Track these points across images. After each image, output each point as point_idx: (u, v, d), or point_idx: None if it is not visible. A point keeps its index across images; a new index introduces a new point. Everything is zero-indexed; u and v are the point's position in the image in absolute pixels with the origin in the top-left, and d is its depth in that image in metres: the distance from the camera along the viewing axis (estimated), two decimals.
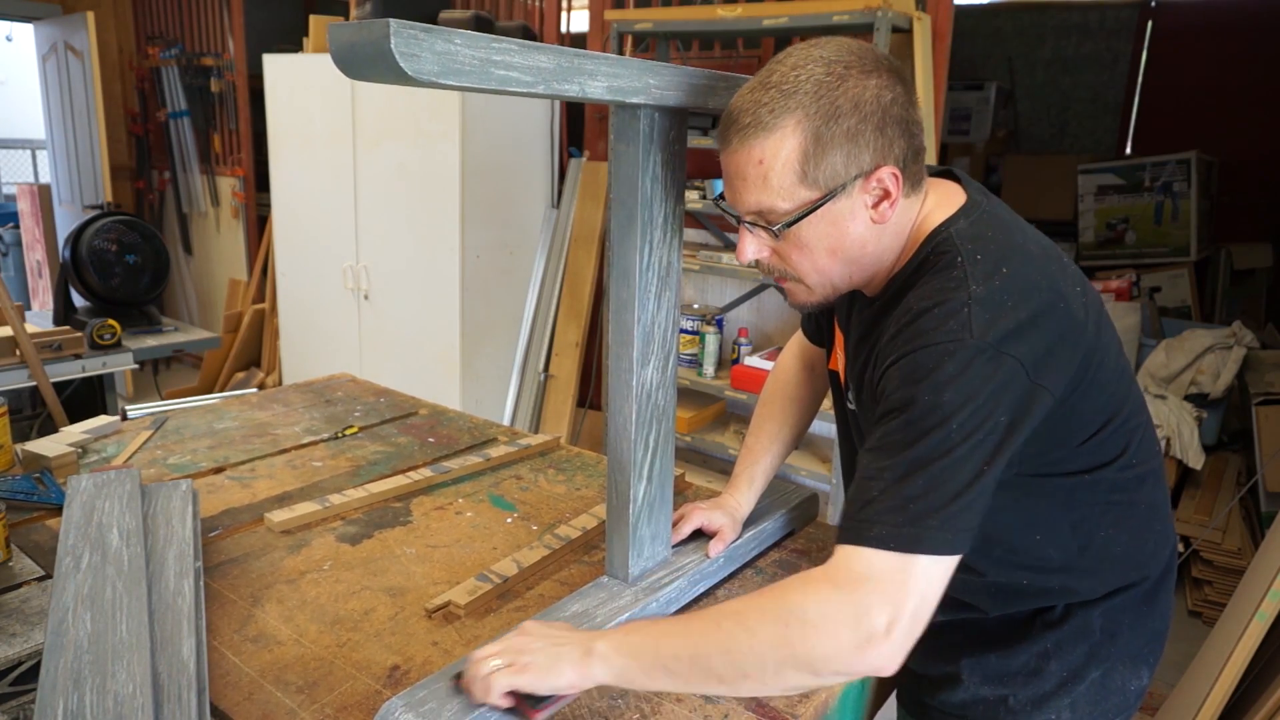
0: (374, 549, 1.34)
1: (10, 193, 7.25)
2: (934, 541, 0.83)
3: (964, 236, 0.94)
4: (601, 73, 0.88)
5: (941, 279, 0.92)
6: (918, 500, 0.83)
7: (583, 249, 3.71)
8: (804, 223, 0.94)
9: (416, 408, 2.03)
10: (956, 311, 0.87)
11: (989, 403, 0.85)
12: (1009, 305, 0.88)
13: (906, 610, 0.82)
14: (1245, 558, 2.93)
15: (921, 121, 0.96)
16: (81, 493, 1.28)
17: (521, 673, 0.89)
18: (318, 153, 3.86)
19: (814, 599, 0.84)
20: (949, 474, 0.84)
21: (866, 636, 0.81)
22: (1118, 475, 1.03)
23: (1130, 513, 1.06)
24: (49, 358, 2.82)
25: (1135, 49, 5.42)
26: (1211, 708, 2.03)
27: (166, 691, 0.93)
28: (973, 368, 0.85)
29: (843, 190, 0.92)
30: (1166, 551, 1.12)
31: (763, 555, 1.35)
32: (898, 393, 0.88)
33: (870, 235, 0.96)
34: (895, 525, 0.83)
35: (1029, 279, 0.91)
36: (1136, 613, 1.08)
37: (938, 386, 0.85)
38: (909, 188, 0.96)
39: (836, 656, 0.82)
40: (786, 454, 1.37)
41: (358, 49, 0.73)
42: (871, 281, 1.03)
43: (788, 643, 0.83)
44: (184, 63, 5.30)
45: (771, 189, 0.92)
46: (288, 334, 4.35)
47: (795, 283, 1.02)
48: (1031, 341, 0.87)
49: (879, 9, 2.58)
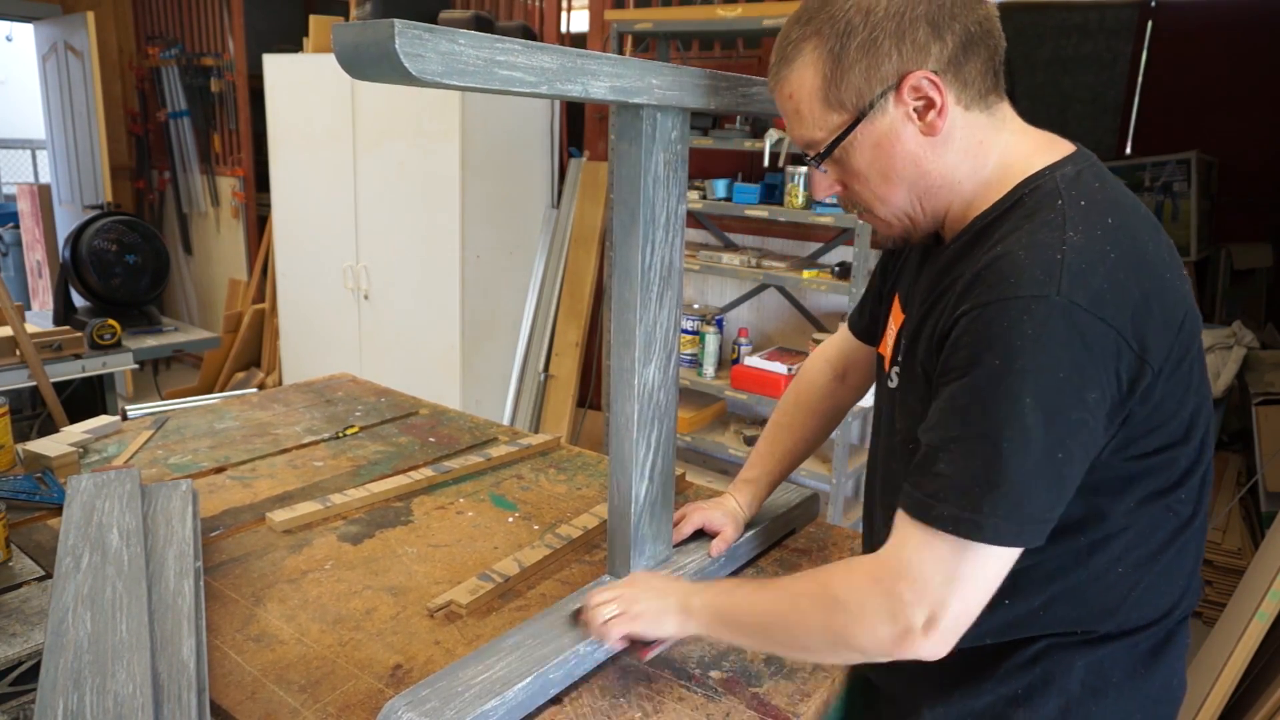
0: (375, 548, 1.34)
1: (10, 193, 7.25)
2: (995, 531, 0.76)
3: (1068, 181, 0.83)
4: (605, 73, 0.88)
5: (1034, 221, 0.80)
6: (982, 483, 0.76)
7: (583, 249, 3.71)
8: (848, 149, 0.88)
9: (417, 407, 2.03)
10: (1046, 259, 0.76)
11: (1074, 374, 0.74)
12: (1111, 260, 0.76)
13: (951, 606, 0.78)
14: (1245, 558, 2.93)
15: (990, 17, 0.85)
16: (81, 493, 1.28)
17: (634, 621, 1.00)
18: (318, 153, 3.86)
19: (856, 591, 0.83)
20: (1025, 456, 0.75)
21: (904, 631, 0.79)
22: (1178, 497, 0.88)
23: (1169, 544, 0.89)
24: (49, 358, 2.82)
25: (1135, 49, 5.42)
26: (1211, 708, 2.03)
27: (166, 691, 0.93)
28: (1056, 329, 0.74)
29: (873, 108, 0.85)
30: (1186, 603, 0.93)
31: (763, 555, 1.35)
32: (966, 350, 0.78)
33: (925, 152, 0.87)
34: (958, 507, 0.76)
35: (1137, 237, 0.80)
36: (1131, 670, 0.91)
37: (1012, 350, 0.74)
38: (968, 96, 0.85)
39: (878, 647, 0.82)
40: (796, 463, 1.33)
41: (362, 49, 0.73)
42: (948, 216, 0.92)
43: (832, 630, 0.85)
44: (184, 63, 5.30)
45: (805, 121, 0.89)
46: (288, 334, 4.35)
47: (870, 214, 0.95)
48: (1132, 306, 0.76)
49: None
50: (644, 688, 1.02)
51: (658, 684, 1.03)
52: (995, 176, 0.88)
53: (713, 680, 1.04)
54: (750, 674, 1.05)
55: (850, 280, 2.81)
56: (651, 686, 1.02)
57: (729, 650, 1.10)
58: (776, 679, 1.04)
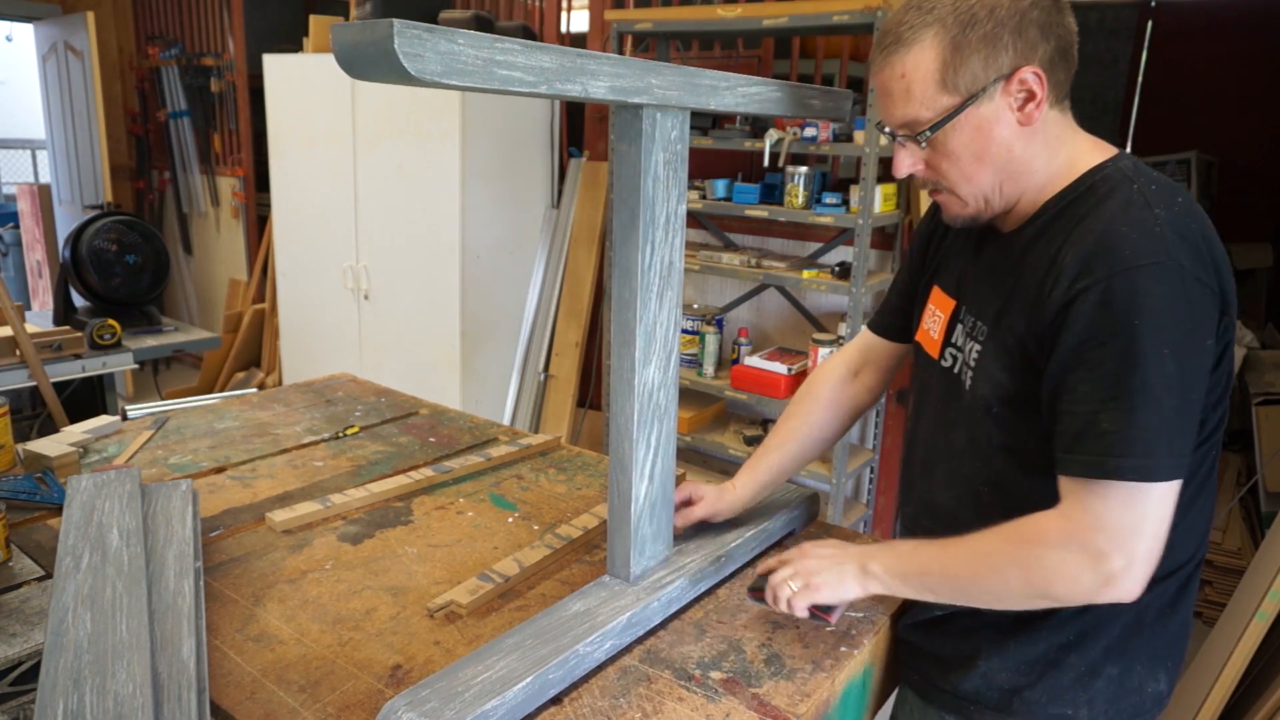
0: (375, 549, 1.34)
1: (10, 193, 7.25)
2: (1166, 469, 0.86)
3: (1131, 171, 0.96)
4: (604, 72, 0.88)
5: (1115, 201, 0.92)
6: (1148, 429, 0.86)
7: (583, 249, 3.71)
8: (949, 130, 0.97)
9: (417, 407, 2.03)
10: (1150, 231, 0.88)
11: (1196, 327, 0.87)
12: (1194, 230, 0.90)
13: (1143, 544, 0.87)
14: (1245, 558, 2.93)
15: (1074, 31, 0.97)
16: (81, 493, 1.28)
17: (816, 591, 1.05)
18: (318, 153, 3.86)
19: (1053, 548, 0.91)
20: (1170, 399, 0.86)
21: (1106, 578, 0.88)
22: (1205, 451, 1.00)
23: (1197, 495, 1.03)
24: (49, 358, 2.82)
25: (1135, 49, 5.42)
26: (1211, 708, 2.03)
27: (166, 691, 0.93)
28: (1177, 290, 0.86)
29: (983, 94, 0.95)
30: (1201, 551, 1.08)
31: (763, 555, 1.35)
32: (1103, 319, 0.88)
33: (1017, 139, 0.97)
34: (1134, 457, 0.86)
35: (1200, 215, 0.93)
36: (1161, 611, 1.05)
37: (1149, 311, 0.86)
38: (1055, 96, 0.97)
39: (1078, 595, 0.91)
40: (805, 455, 1.35)
41: (361, 49, 0.73)
42: (1019, 202, 1.03)
43: (1032, 584, 0.93)
44: (184, 63, 5.30)
45: (914, 100, 0.97)
46: (288, 334, 4.35)
47: (948, 194, 1.04)
48: (1216, 269, 0.90)
49: (879, 9, 2.58)
50: (644, 688, 1.02)
51: (658, 684, 1.03)
52: (1063, 168, 1.00)
53: (713, 680, 1.04)
54: (750, 674, 1.05)
55: (850, 280, 2.81)
56: (651, 687, 1.02)
57: (729, 650, 1.10)
58: (776, 679, 1.05)
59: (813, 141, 2.84)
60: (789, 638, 1.14)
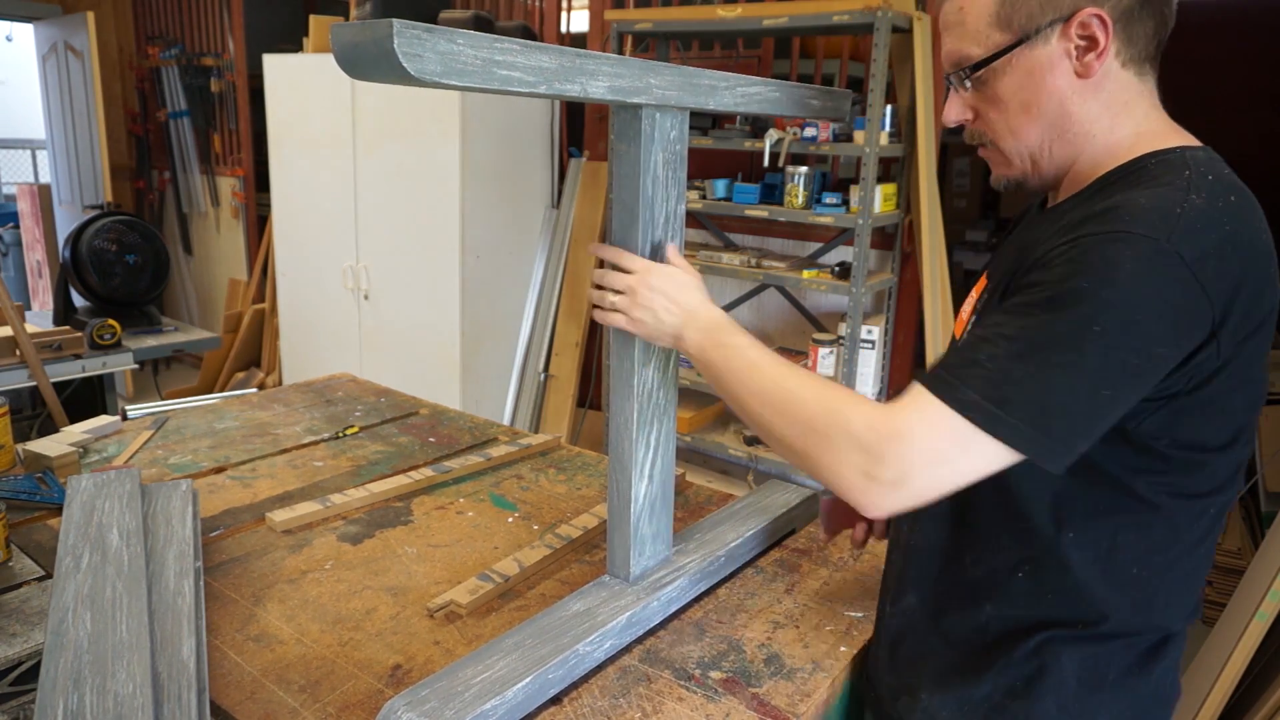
0: (375, 548, 1.34)
1: (10, 193, 7.25)
2: (1011, 431, 0.76)
3: (1199, 160, 0.84)
4: (603, 72, 0.88)
5: (1159, 182, 0.81)
6: (1020, 384, 0.76)
7: (583, 249, 3.71)
8: (999, 73, 0.88)
9: (417, 407, 2.03)
10: (1165, 209, 0.77)
11: (1153, 321, 0.74)
12: (1225, 231, 0.77)
13: (929, 477, 0.80)
14: (1245, 558, 2.93)
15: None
16: (81, 493, 1.28)
17: (632, 325, 1.03)
18: (318, 153, 3.86)
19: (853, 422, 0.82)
20: (1063, 377, 0.75)
21: (867, 478, 0.80)
22: (1205, 504, 0.87)
23: (1186, 555, 0.89)
24: (49, 358, 2.82)
25: None
26: (1211, 708, 2.03)
27: (166, 691, 0.93)
28: (1153, 273, 0.74)
29: (1038, 35, 0.86)
30: (1187, 614, 0.93)
31: (763, 555, 1.35)
32: (1059, 268, 0.78)
33: (1073, 93, 0.87)
34: (985, 398, 0.77)
35: (1253, 223, 0.80)
36: (1128, 669, 0.90)
37: (1102, 278, 0.74)
38: (1128, 53, 0.86)
39: (836, 476, 0.83)
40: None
41: (361, 49, 0.73)
42: (1071, 172, 0.92)
43: (814, 434, 0.85)
44: (184, 63, 5.30)
45: (967, 33, 0.90)
46: (288, 334, 4.35)
47: (993, 149, 0.94)
48: (1231, 282, 0.76)
49: (879, 9, 2.58)
50: (644, 688, 1.02)
51: (657, 684, 1.03)
52: (1126, 142, 0.88)
53: (713, 680, 1.04)
54: (750, 674, 1.05)
55: (850, 280, 2.81)
56: (651, 686, 1.02)
57: (729, 650, 1.10)
58: (776, 679, 1.05)
59: (813, 141, 2.84)
60: (789, 638, 1.14)
